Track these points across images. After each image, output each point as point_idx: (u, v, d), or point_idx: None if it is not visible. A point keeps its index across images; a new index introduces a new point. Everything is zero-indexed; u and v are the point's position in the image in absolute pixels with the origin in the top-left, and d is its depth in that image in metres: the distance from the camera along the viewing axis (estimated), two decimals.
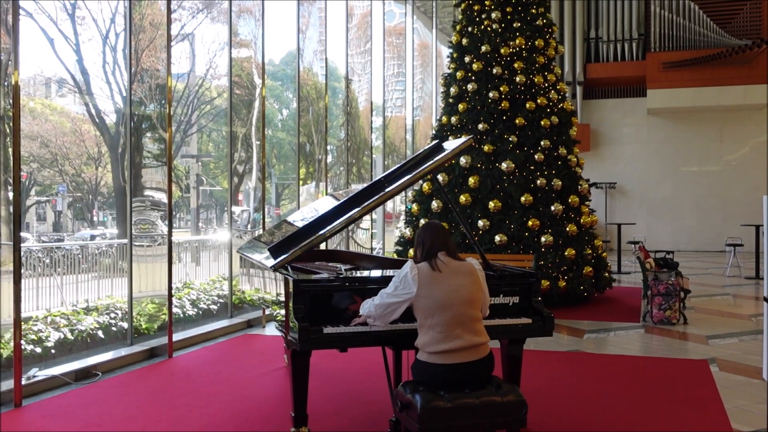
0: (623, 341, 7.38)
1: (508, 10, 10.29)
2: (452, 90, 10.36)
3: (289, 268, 4.23)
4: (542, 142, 9.65)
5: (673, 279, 8.27)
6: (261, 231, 8.79)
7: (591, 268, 9.40)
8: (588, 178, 10.43)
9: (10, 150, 5.26)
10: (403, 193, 14.42)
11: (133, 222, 7.11)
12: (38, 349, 6.22)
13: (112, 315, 7.36)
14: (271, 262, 4.29)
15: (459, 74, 10.31)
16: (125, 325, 7.09)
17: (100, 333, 6.98)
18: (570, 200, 9.54)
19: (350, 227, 12.40)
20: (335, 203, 4.66)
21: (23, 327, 5.92)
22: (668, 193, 20.54)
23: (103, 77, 11.29)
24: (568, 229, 9.31)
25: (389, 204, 16.52)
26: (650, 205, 20.63)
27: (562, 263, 9.08)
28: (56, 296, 8.31)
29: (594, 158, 20.28)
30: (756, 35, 18.91)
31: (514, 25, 10.21)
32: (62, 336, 6.60)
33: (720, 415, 4.69)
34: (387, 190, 4.39)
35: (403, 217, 11.28)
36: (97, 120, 11.88)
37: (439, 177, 9.70)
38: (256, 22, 10.36)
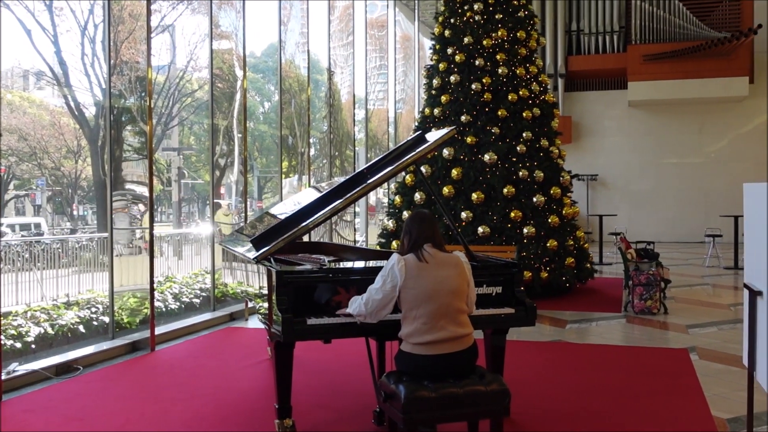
0: (605, 331, 7.43)
1: (490, 1, 10.28)
2: (435, 82, 10.36)
3: (272, 260, 4.22)
4: (524, 134, 9.67)
5: (654, 269, 8.34)
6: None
7: (573, 259, 9.46)
8: (570, 170, 10.47)
9: None
10: (385, 185, 14.42)
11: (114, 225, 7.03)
12: (18, 344, 6.15)
13: (93, 309, 7.30)
14: (253, 253, 4.27)
15: (441, 66, 10.30)
16: (106, 319, 7.04)
17: (81, 327, 6.92)
18: (552, 192, 9.58)
19: (333, 219, 12.37)
20: (318, 195, 4.65)
21: (3, 322, 5.85)
22: (649, 184, 20.69)
23: (81, 69, 11.16)
24: (550, 220, 9.36)
25: (372, 196, 16.50)
26: (631, 196, 20.77)
27: (545, 254, 9.13)
28: (36, 291, 8.23)
29: (576, 150, 20.38)
30: (735, 28, 19.06)
31: (497, 16, 10.21)
32: (42, 331, 6.53)
33: (700, 403, 4.75)
34: (369, 181, 4.38)
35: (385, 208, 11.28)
36: (77, 113, 11.74)
37: (422, 168, 9.70)
38: (237, 14, 10.28)
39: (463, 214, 9.27)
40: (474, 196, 9.32)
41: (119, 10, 9.44)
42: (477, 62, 9.96)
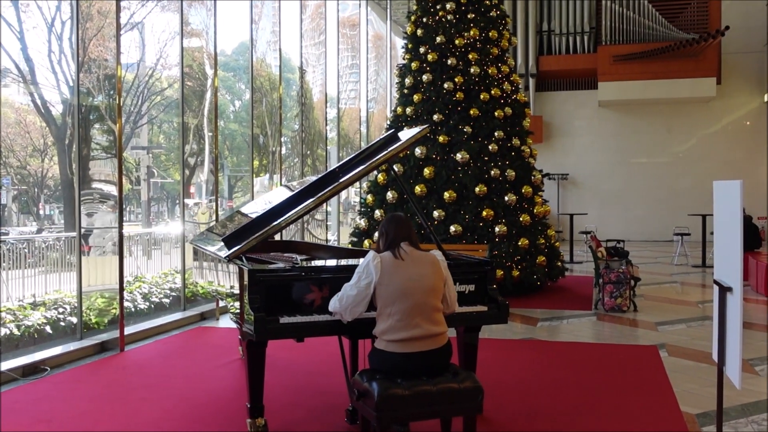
0: (576, 329, 7.49)
1: (462, 1, 10.31)
2: (407, 81, 10.35)
3: (244, 258, 4.18)
4: (496, 133, 9.71)
5: (624, 267, 8.42)
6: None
7: (544, 258, 9.53)
8: (541, 169, 10.54)
9: None
10: (357, 185, 14.38)
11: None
12: None
13: (60, 310, 7.18)
14: (225, 252, 4.23)
15: (414, 65, 10.31)
16: (74, 319, 6.92)
17: (48, 328, 6.80)
18: (523, 191, 9.64)
19: (305, 218, 12.33)
20: (289, 194, 4.61)
21: None
22: (619, 184, 20.93)
23: (48, 67, 10.94)
24: (521, 219, 9.41)
25: (343, 195, 16.46)
26: (602, 195, 21.00)
27: (516, 253, 9.18)
28: (1, 291, 8.06)
29: (547, 149, 20.55)
30: (703, 29, 19.35)
31: (469, 16, 10.24)
32: (8, 331, 6.41)
33: (669, 399, 4.80)
34: (341, 180, 4.36)
35: (357, 208, 11.25)
36: (43, 111, 11.51)
37: (395, 167, 9.70)
38: (207, 12, 10.18)
39: (436, 213, 9.28)
40: (446, 194, 9.34)
41: (87, 6, 9.30)
42: (449, 61, 9.98)
